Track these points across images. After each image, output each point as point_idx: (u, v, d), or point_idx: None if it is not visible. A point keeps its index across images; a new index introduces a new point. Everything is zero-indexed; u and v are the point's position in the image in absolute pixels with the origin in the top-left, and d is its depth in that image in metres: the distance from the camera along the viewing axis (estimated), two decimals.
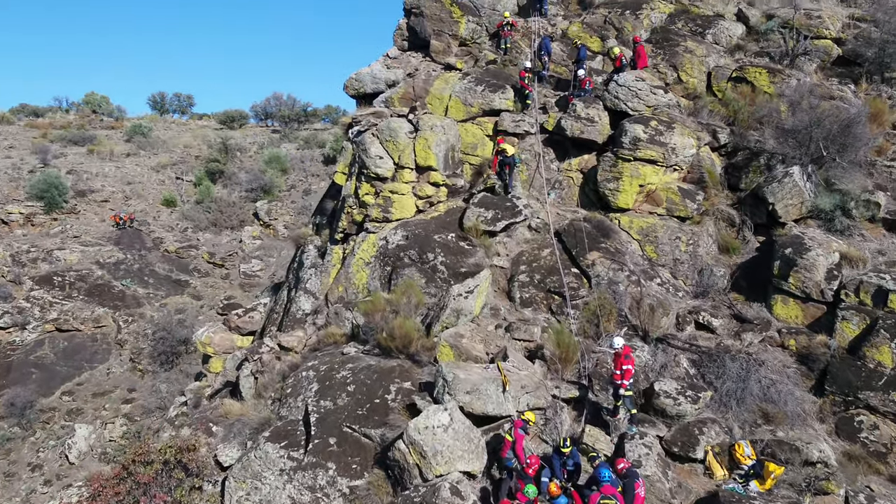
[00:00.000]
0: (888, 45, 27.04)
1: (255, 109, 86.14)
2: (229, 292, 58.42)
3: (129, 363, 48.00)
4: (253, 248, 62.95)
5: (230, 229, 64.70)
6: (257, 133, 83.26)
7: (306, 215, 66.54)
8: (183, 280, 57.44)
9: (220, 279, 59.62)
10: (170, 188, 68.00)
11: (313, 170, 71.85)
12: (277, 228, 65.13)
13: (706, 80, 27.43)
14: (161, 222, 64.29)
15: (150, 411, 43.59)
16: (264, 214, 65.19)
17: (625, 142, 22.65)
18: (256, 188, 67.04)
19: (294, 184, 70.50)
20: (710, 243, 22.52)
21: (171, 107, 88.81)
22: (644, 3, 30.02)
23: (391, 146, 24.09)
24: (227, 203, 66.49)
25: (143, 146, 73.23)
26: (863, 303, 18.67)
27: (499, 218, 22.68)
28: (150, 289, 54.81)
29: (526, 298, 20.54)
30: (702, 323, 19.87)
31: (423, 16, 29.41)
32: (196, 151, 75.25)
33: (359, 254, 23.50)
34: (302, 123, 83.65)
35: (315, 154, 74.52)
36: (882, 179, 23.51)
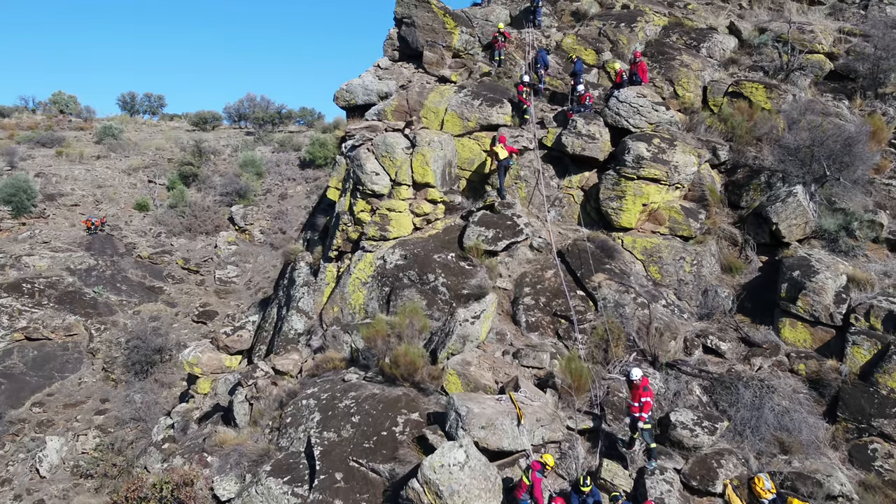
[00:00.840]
0: (882, 61, 27.00)
1: (229, 111, 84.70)
2: (205, 299, 57.34)
3: (102, 373, 46.71)
4: (229, 254, 61.75)
5: (205, 234, 63.39)
6: (231, 135, 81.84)
7: (283, 220, 65.69)
8: (157, 287, 56.16)
9: (195, 286, 58.40)
10: (142, 192, 66.51)
11: (289, 173, 70.74)
12: (254, 234, 64.01)
13: (702, 94, 27.21)
14: (134, 227, 62.80)
15: (125, 422, 42.52)
16: (240, 219, 64.01)
17: (628, 160, 22.28)
18: (231, 192, 65.79)
19: (270, 188, 69.34)
20: (713, 263, 22.26)
21: (142, 107, 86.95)
22: (638, 15, 29.76)
23: (387, 162, 23.47)
24: (201, 207, 65.15)
25: (114, 148, 71.60)
26: (873, 327, 18.49)
27: (500, 237, 22.18)
28: (123, 296, 53.44)
29: (532, 322, 20.06)
30: (710, 347, 19.55)
31: (414, 26, 28.79)
32: (169, 154, 73.75)
33: (355, 273, 22.86)
34: (276, 125, 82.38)
35: (291, 157, 73.35)
36: (881, 198, 23.48)
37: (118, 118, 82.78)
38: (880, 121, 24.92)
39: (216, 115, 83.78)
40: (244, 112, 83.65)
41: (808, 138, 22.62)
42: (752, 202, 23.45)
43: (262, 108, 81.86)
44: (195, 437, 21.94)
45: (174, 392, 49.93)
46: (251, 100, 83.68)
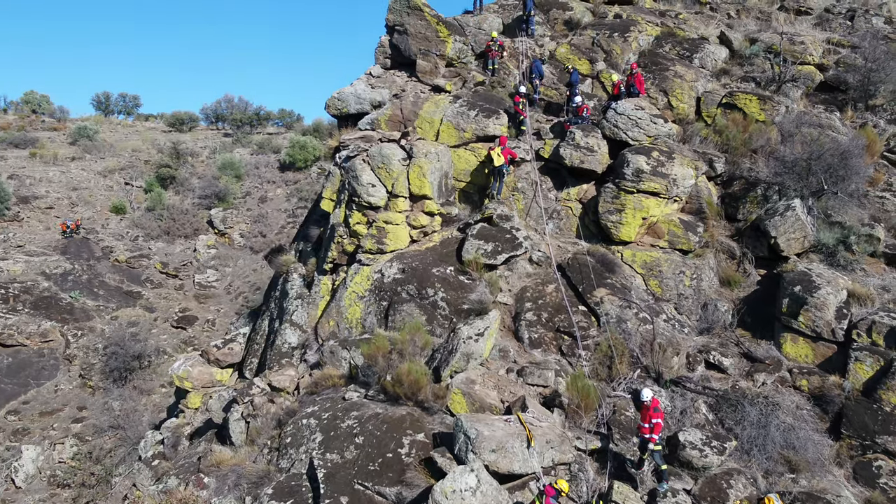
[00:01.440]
0: (873, 73, 27.19)
1: (206, 112, 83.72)
2: (184, 304, 56.68)
3: (79, 379, 46.04)
4: (208, 258, 61.07)
5: (184, 238, 62.61)
6: (208, 136, 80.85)
7: (263, 223, 65.07)
8: (135, 291, 55.36)
9: (174, 290, 57.71)
10: (118, 194, 65.50)
11: (269, 176, 70.06)
12: (233, 237, 63.33)
13: (695, 105, 27.21)
14: (110, 230, 61.84)
15: (103, 430, 41.94)
16: (219, 223, 63.28)
17: (627, 173, 22.17)
18: (210, 195, 64.98)
19: (249, 190, 68.62)
20: (711, 277, 22.25)
21: (117, 107, 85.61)
22: (631, 25, 29.70)
23: (384, 173, 23.17)
24: (179, 210, 64.31)
25: (89, 149, 70.37)
26: (875, 343, 18.57)
27: (499, 251, 21.97)
28: (101, 301, 52.62)
29: (535, 339, 19.87)
30: (712, 362, 19.50)
31: (407, 34, 28.44)
32: (145, 156, 72.67)
33: (351, 287, 22.52)
34: (254, 127, 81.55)
35: (270, 160, 72.64)
36: (874, 210, 23.62)
37: (93, 118, 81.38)
38: (873, 133, 25.10)
39: (193, 117, 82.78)
40: (222, 113, 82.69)
41: (805, 151, 22.68)
42: (749, 215, 23.47)
43: (240, 109, 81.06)
44: (189, 455, 21.45)
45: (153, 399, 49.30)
46: (229, 101, 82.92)
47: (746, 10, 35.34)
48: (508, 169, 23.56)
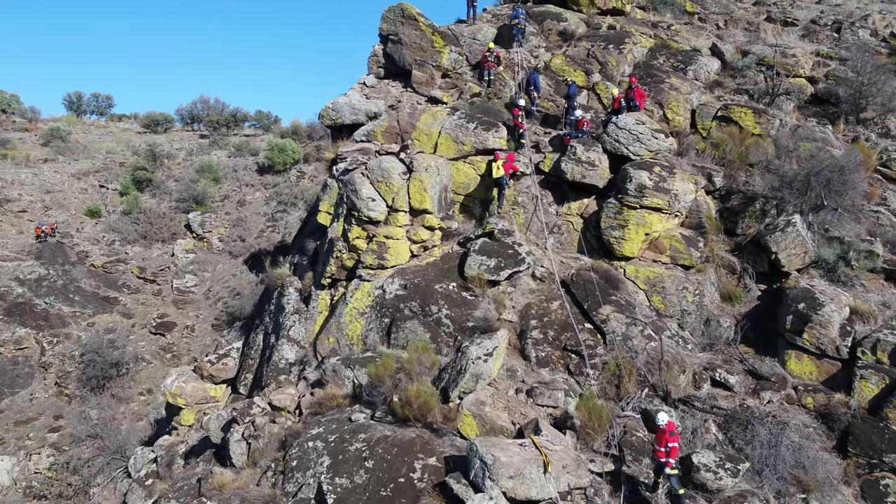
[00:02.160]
0: (865, 87, 27.45)
1: (181, 113, 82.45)
2: (162, 310, 55.78)
3: (55, 388, 45.09)
4: (186, 263, 60.09)
5: (161, 242, 61.54)
6: (184, 138, 79.66)
7: (242, 227, 64.29)
8: (112, 297, 54.31)
9: (151, 296, 56.67)
10: (93, 197, 64.29)
11: (247, 179, 69.20)
12: (212, 241, 62.43)
13: (690, 117, 27.28)
14: (85, 234, 60.63)
15: (80, 440, 41.15)
16: (197, 227, 62.33)
17: (630, 188, 22.11)
18: (188, 198, 63.98)
19: (228, 194, 67.72)
20: (712, 292, 22.29)
21: (89, 107, 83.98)
22: (626, 37, 29.70)
23: (383, 187, 22.88)
24: (156, 214, 63.21)
25: (63, 151, 69.01)
26: (880, 361, 18.72)
27: (502, 267, 21.80)
28: (77, 307, 51.58)
29: (542, 357, 19.72)
30: (718, 380, 19.51)
31: (401, 43, 28.17)
32: (120, 158, 71.42)
33: (352, 303, 22.20)
34: (231, 129, 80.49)
35: (248, 162, 71.75)
36: (870, 224, 23.86)
37: (65, 119, 79.81)
38: (867, 149, 25.36)
39: (168, 118, 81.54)
40: (197, 114, 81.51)
41: (804, 167, 22.82)
42: (748, 229, 23.59)
43: (216, 110, 79.96)
44: (187, 476, 20.95)
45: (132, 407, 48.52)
46: (204, 102, 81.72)
47: (734, 20, 35.60)
48: (509, 182, 23.41)
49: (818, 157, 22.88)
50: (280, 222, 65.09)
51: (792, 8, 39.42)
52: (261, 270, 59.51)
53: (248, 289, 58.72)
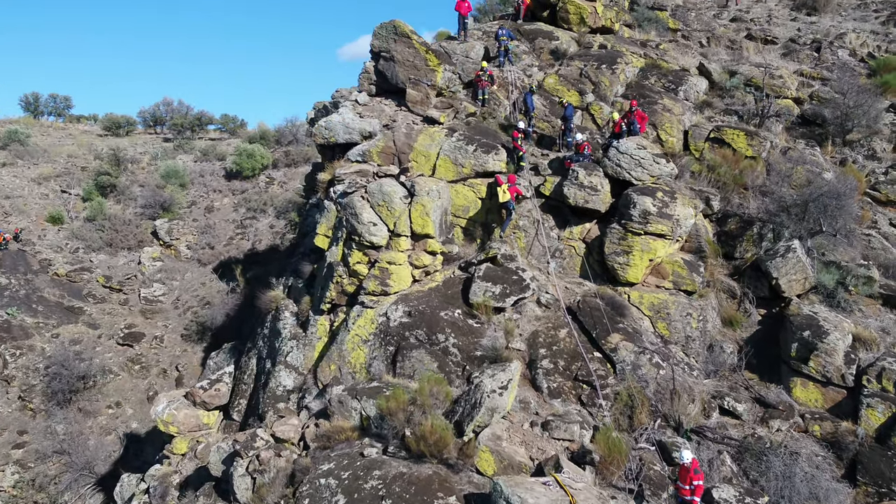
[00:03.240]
0: (851, 110, 27.94)
1: (144, 115, 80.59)
2: (130, 320, 54.51)
3: (19, 402, 43.87)
4: (154, 271, 58.75)
5: (127, 250, 60.07)
6: (147, 141, 77.83)
7: (211, 234, 63.11)
8: (76, 307, 52.82)
9: (118, 305, 55.29)
10: (55, 203, 62.42)
11: (215, 185, 67.88)
12: (180, 249, 61.13)
13: (683, 138, 27.46)
14: (48, 241, 58.86)
15: (46, 456, 40.17)
16: (165, 234, 60.96)
17: (634, 214, 22.13)
18: (154, 204, 62.46)
19: (195, 200, 66.36)
20: (714, 317, 22.46)
21: (47, 108, 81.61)
22: (618, 56, 29.77)
23: (384, 212, 22.55)
24: (121, 221, 61.63)
25: (21, 155, 66.88)
26: (885, 389, 19.04)
27: (507, 293, 21.65)
28: (40, 317, 50.16)
29: (554, 389, 19.61)
30: (727, 409, 19.66)
31: (394, 61, 27.80)
32: (82, 161, 69.49)
33: (354, 330, 21.83)
34: (196, 132, 78.90)
35: (216, 167, 70.40)
36: (862, 248, 24.25)
37: (21, 120, 77.36)
38: (858, 172, 25.83)
39: (130, 120, 79.58)
40: (161, 117, 79.78)
41: (801, 193, 23.09)
42: (746, 253, 23.83)
43: (180, 113, 78.26)
44: None
45: (100, 421, 47.46)
46: (168, 104, 79.98)
47: (716, 38, 35.98)
48: (515, 206, 23.29)
49: (816, 183, 23.19)
50: (249, 229, 64.12)
51: (769, 24, 40.05)
52: (231, 279, 58.59)
53: (218, 298, 57.73)
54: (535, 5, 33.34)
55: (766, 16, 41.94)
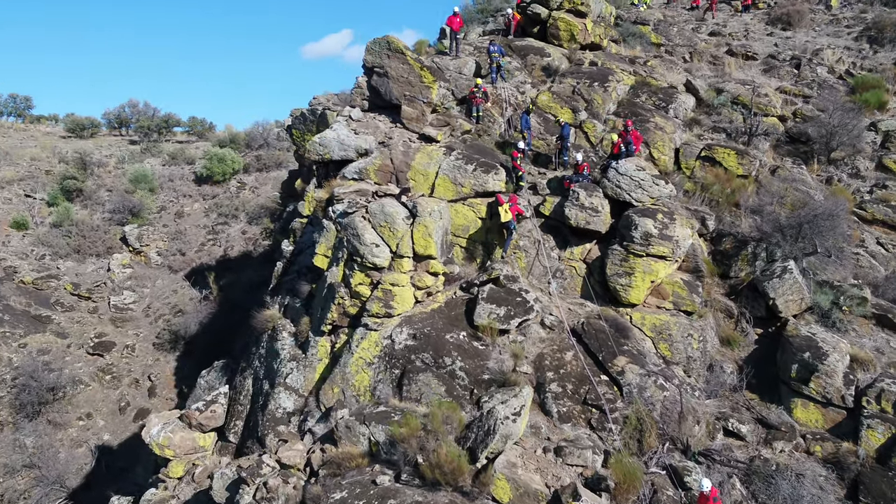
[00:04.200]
0: (835, 129, 28.56)
1: (108, 117, 78.91)
2: (100, 329, 53.49)
3: None
4: (124, 278, 57.64)
5: (96, 256, 58.81)
6: (113, 143, 76.27)
7: (181, 241, 62.17)
8: (44, 315, 51.65)
9: (87, 313, 54.14)
10: (19, 208, 60.90)
11: (185, 189, 66.81)
12: (150, 255, 60.08)
13: (674, 156, 27.80)
14: (12, 248, 57.39)
15: (15, 470, 39.43)
16: (134, 240, 59.83)
17: (636, 236, 22.36)
18: (123, 210, 61.24)
19: (164, 205, 65.24)
20: (713, 337, 22.80)
21: (6, 108, 79.50)
22: (609, 74, 30.02)
23: (387, 232, 22.45)
24: (89, 227, 60.32)
25: None
26: (884, 410, 19.54)
27: (511, 315, 21.72)
28: (6, 327, 48.99)
29: (563, 413, 19.73)
30: (731, 430, 19.99)
31: (387, 77, 27.66)
32: (46, 165, 67.83)
33: (358, 352, 21.69)
34: (163, 135, 77.54)
35: (185, 172, 69.29)
36: (851, 266, 24.85)
37: None
38: (846, 191, 26.45)
39: (94, 122, 77.90)
40: (126, 118, 78.26)
41: (797, 214, 23.51)
42: (740, 272, 24.22)
43: (146, 115, 76.82)
44: None
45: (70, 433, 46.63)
46: (133, 106, 78.47)
47: (698, 53, 36.52)
48: (516, 226, 23.38)
49: (810, 205, 23.67)
50: (221, 235, 63.32)
51: (747, 39, 40.77)
52: (204, 286, 57.78)
53: (190, 305, 56.92)
54: (526, 21, 33.53)
55: (742, 30, 42.70)
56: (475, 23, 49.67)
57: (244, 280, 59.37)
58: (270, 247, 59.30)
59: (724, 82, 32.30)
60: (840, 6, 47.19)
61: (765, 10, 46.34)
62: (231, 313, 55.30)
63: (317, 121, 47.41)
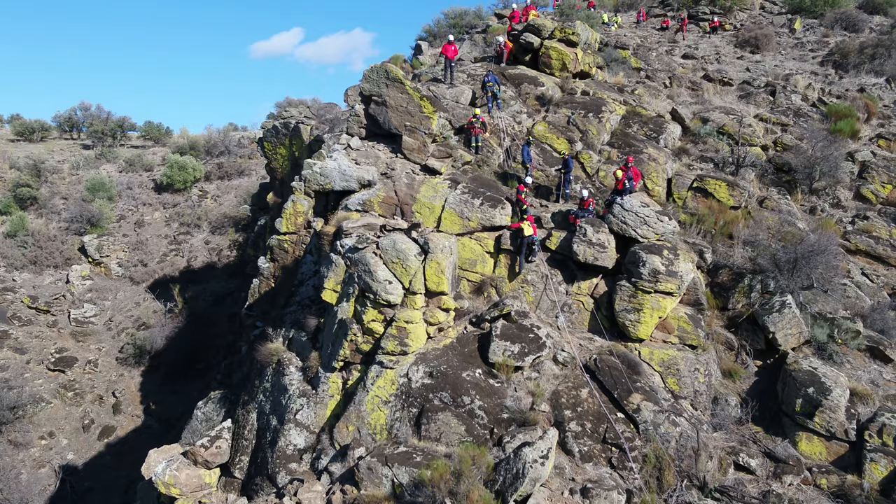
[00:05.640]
0: (817, 160, 29.67)
1: (59, 120, 76.52)
2: (60, 343, 52.30)
3: None
4: (83, 291, 56.28)
5: (53, 268, 57.24)
6: (65, 148, 74.04)
7: (143, 251, 60.91)
8: (1, 330, 50.13)
9: (46, 328, 52.80)
10: None
11: (144, 198, 65.36)
12: (111, 267, 58.75)
13: (666, 186, 28.53)
14: None
15: None
16: (94, 251, 58.36)
17: (644, 273, 22.90)
18: (81, 219, 59.62)
19: (124, 214, 63.73)
20: (715, 369, 23.52)
21: None
22: (602, 104, 30.59)
23: (399, 269, 22.51)
24: (46, 237, 58.59)
25: None
26: (885, 444, 20.49)
27: (525, 352, 22.05)
28: None
29: (585, 453, 20.12)
30: (741, 464, 20.67)
31: (386, 105, 27.68)
32: None
33: (374, 391, 21.74)
34: (118, 139, 75.59)
35: (143, 179, 67.77)
36: (838, 297, 25.90)
37: None
38: (832, 223, 27.52)
39: (44, 125, 75.49)
40: (77, 121, 76.05)
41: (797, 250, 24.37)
42: (737, 304, 25.03)
43: (100, 119, 74.77)
44: None
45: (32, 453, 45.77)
46: (85, 108, 76.32)
47: (677, 78, 37.48)
48: (538, 240, 23.87)
49: (806, 241, 24.54)
50: (184, 245, 62.27)
51: (720, 63, 41.97)
52: (168, 299, 56.76)
53: (155, 319, 55.94)
54: (518, 49, 33.89)
55: (714, 53, 43.95)
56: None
57: (210, 292, 58.54)
58: (239, 258, 58.53)
59: (707, 111, 33.22)
60: (803, 29, 48.90)
61: (732, 32, 47.79)
62: (198, 327, 54.46)
63: (290, 134, 47.07)
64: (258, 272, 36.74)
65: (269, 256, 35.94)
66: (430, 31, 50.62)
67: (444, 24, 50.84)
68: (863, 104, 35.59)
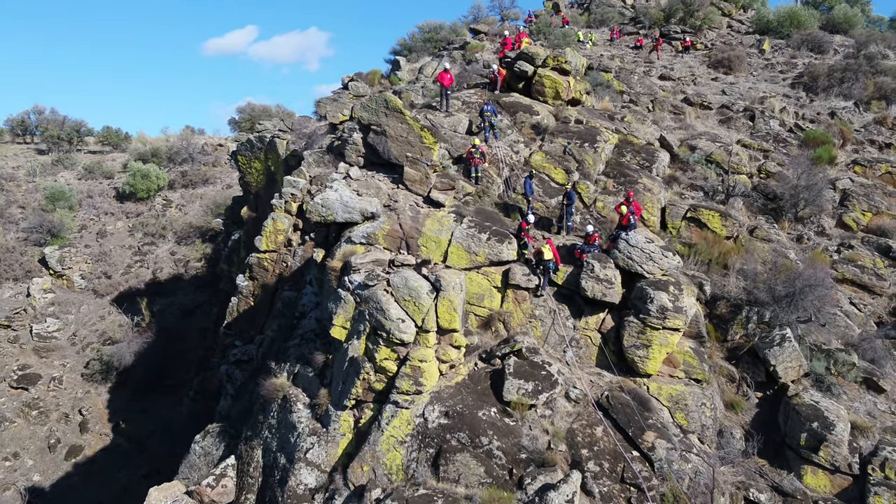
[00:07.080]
0: (801, 189, 30.56)
1: (11, 123, 73.98)
2: (22, 360, 50.93)
3: None
4: (45, 304, 54.68)
5: (13, 281, 55.42)
6: (18, 153, 71.63)
7: (106, 262, 59.49)
8: None
9: (7, 343, 51.31)
10: None
11: (106, 206, 63.71)
12: (73, 279, 57.17)
13: (660, 216, 29.05)
14: None
15: None
16: (55, 262, 56.71)
17: (651, 309, 23.30)
18: (40, 229, 57.85)
19: (85, 223, 62.02)
20: (719, 402, 24.08)
21: None
22: (597, 134, 30.94)
23: (411, 307, 22.50)
24: (4, 248, 56.73)
25: None
26: (888, 478, 21.31)
27: (539, 390, 22.26)
28: None
29: (605, 493, 20.37)
30: (751, 499, 21.25)
31: (385, 135, 27.57)
32: None
33: (389, 430, 21.69)
34: (74, 144, 73.41)
35: (104, 187, 66.01)
36: (830, 327, 26.73)
37: None
38: (822, 254, 28.40)
39: None
40: (31, 125, 73.65)
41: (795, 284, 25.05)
42: (735, 335, 25.67)
43: (54, 122, 72.53)
44: None
45: None
46: (39, 112, 73.93)
47: (659, 102, 38.14)
48: (556, 266, 24.11)
49: (803, 276, 25.25)
50: (149, 256, 60.98)
51: (696, 85, 42.82)
52: (135, 312, 55.47)
53: (121, 333, 54.66)
54: (511, 77, 34.03)
55: (689, 74, 44.82)
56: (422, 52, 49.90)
57: (177, 305, 57.47)
58: (208, 270, 57.55)
59: (693, 138, 33.91)
60: (771, 50, 50.20)
61: (703, 52, 48.77)
62: (167, 341, 53.39)
63: (265, 148, 46.47)
64: (237, 290, 36.22)
65: (248, 275, 35.48)
66: (406, 45, 50.39)
67: (420, 37, 50.64)
68: (838, 130, 36.77)
